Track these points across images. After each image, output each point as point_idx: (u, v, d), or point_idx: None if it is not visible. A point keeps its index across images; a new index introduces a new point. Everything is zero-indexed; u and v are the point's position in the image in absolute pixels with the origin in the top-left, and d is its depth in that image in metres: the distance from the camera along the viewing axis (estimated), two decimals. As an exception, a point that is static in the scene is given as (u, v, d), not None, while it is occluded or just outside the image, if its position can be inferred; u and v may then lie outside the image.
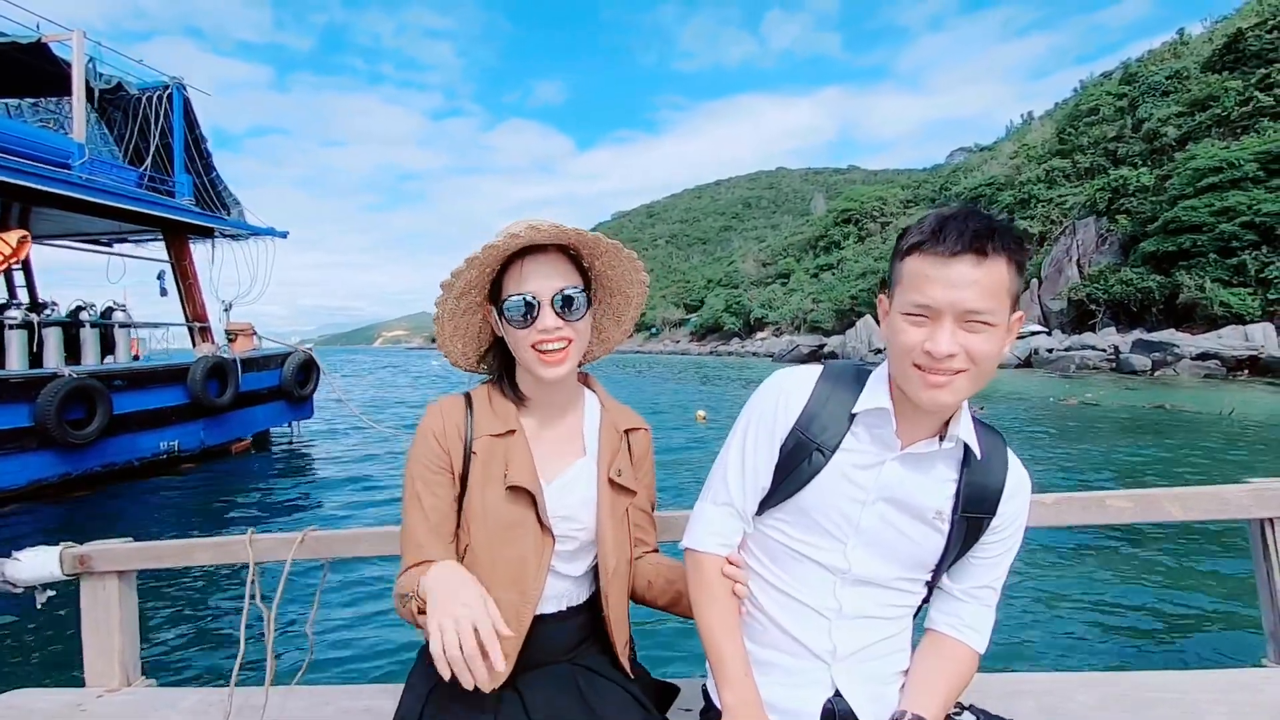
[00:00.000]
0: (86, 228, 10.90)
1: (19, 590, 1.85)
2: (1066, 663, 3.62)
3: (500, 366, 1.33)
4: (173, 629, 4.38)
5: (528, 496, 1.22)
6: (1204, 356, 30.31)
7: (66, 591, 1.91)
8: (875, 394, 1.14)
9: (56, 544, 1.85)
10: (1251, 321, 32.42)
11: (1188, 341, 31.80)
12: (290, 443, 12.63)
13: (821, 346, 57.44)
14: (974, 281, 0.97)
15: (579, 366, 1.36)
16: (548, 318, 1.18)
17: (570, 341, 1.21)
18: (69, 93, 10.20)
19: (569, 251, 1.24)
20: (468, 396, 1.30)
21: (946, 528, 1.14)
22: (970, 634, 1.20)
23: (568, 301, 1.19)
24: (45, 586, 1.86)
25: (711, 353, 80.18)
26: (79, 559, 1.82)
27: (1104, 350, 34.82)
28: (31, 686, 1.93)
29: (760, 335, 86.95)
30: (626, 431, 1.36)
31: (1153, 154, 45.77)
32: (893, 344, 1.07)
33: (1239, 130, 39.62)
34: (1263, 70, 40.57)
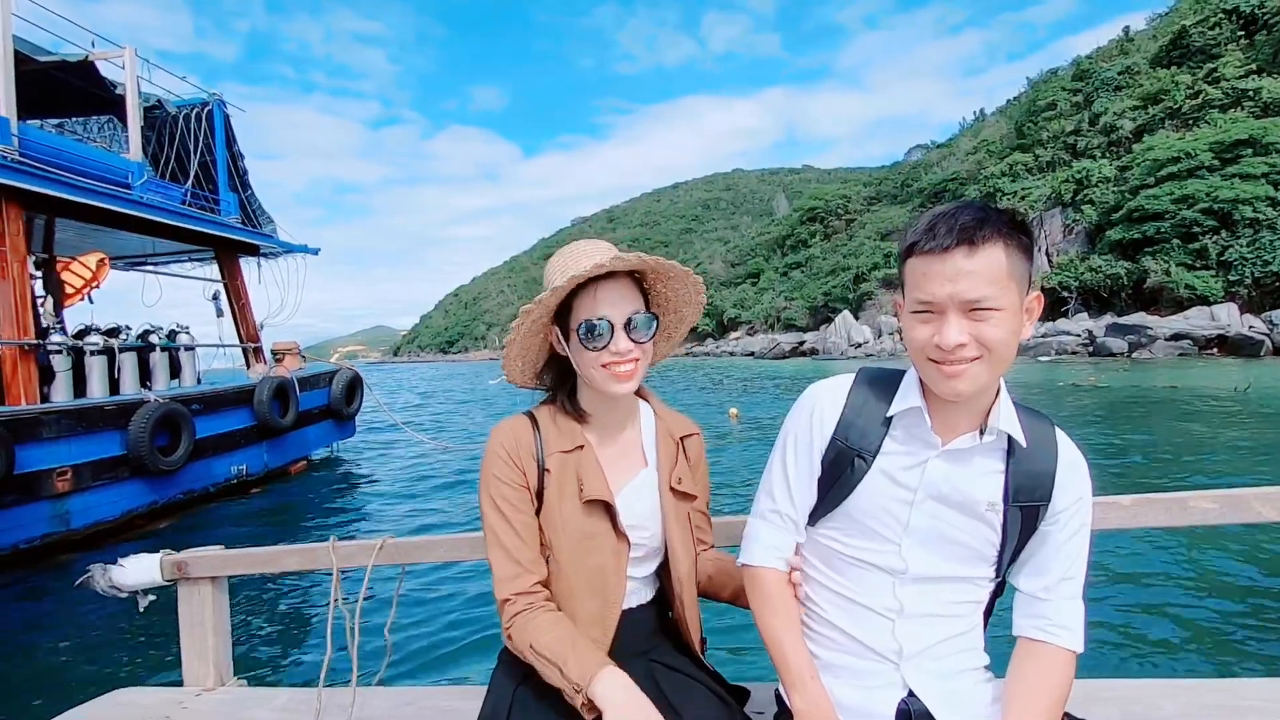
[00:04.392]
0: (132, 249, 10.56)
1: (124, 594, 1.94)
2: (1149, 669, 3.43)
3: (557, 383, 1.37)
4: (251, 632, 4.49)
5: (603, 508, 1.28)
6: (1176, 337, 31.80)
7: (165, 595, 2.00)
8: (908, 395, 1.15)
9: (157, 551, 1.95)
10: (1215, 303, 34.15)
11: (1159, 323, 33.28)
12: (332, 460, 12.40)
13: (802, 343, 58.32)
14: (970, 272, 0.98)
15: None
16: (621, 341, 1.23)
17: (638, 361, 1.26)
18: (111, 111, 9.88)
19: (633, 275, 1.30)
20: (531, 416, 1.34)
21: (1000, 520, 1.12)
22: (1061, 633, 1.12)
23: (641, 325, 1.25)
24: (146, 591, 1.96)
25: (687, 354, 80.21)
26: (177, 565, 1.92)
27: (1079, 335, 36.22)
28: (135, 685, 2.01)
29: (734, 335, 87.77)
30: (681, 438, 1.42)
31: (1111, 146, 47.82)
32: (909, 343, 1.10)
33: (1191, 122, 41.72)
34: (1209, 65, 42.78)
